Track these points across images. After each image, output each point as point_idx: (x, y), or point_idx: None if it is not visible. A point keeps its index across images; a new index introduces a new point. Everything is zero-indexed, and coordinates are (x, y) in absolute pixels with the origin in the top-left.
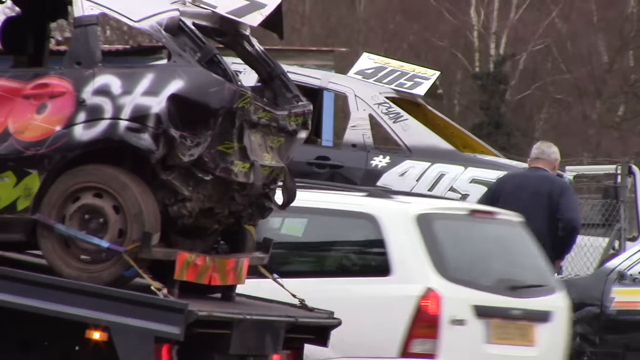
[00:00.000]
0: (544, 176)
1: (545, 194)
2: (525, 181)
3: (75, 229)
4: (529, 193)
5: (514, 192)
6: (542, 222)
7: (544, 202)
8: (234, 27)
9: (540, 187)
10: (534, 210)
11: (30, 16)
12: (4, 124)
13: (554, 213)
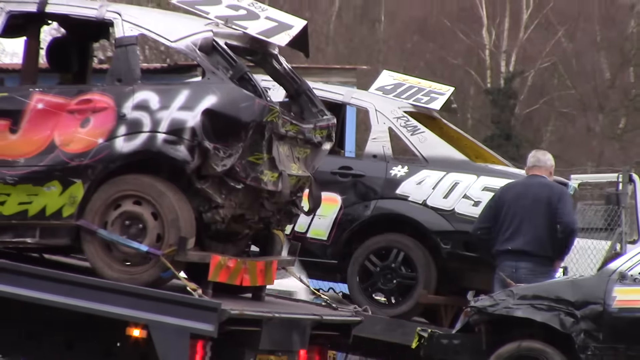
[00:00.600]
0: (543, 183)
1: (545, 200)
2: (526, 189)
3: (116, 234)
4: (530, 200)
5: (517, 200)
6: (542, 228)
7: (543, 208)
8: (263, 47)
9: (539, 194)
10: (535, 216)
11: (74, 37)
12: (51, 137)
13: (554, 217)
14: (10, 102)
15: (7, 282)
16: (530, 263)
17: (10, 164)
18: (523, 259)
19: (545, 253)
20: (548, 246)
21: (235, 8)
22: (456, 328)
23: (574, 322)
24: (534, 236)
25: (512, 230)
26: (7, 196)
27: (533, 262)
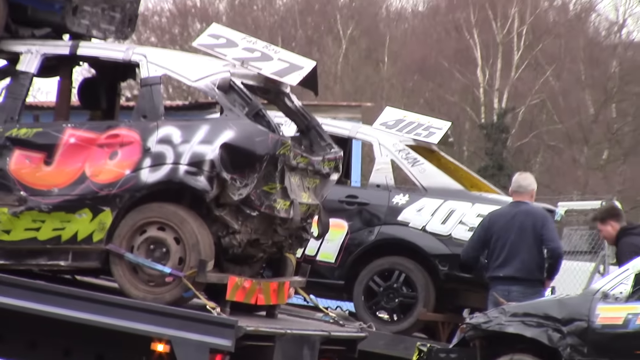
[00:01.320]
0: (527, 212)
1: (530, 228)
2: (512, 219)
3: (142, 257)
4: (517, 230)
5: (504, 230)
6: (529, 254)
7: (529, 237)
8: (276, 86)
9: (524, 223)
10: (523, 244)
11: (103, 77)
12: (82, 169)
13: (540, 244)
14: (45, 136)
15: (46, 302)
16: (522, 287)
17: (45, 193)
18: (514, 283)
19: (534, 277)
20: (536, 270)
21: (250, 50)
22: (453, 343)
23: (560, 338)
24: (523, 263)
25: (502, 259)
26: (42, 223)
27: (524, 286)
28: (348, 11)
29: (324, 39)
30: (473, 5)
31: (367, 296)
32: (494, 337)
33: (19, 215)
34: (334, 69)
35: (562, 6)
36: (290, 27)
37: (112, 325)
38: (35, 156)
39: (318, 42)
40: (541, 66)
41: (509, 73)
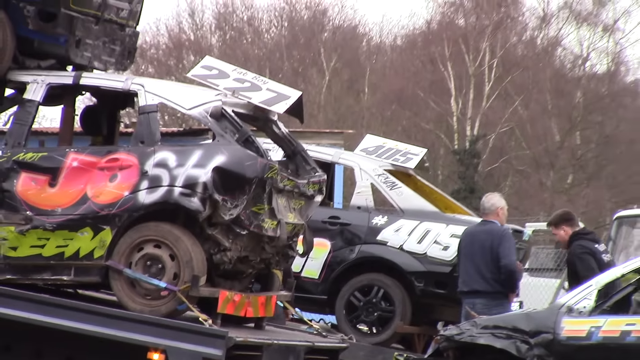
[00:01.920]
0: (487, 230)
1: (488, 246)
2: (473, 238)
3: (139, 273)
4: (478, 247)
5: (467, 248)
6: (488, 270)
7: (487, 253)
8: (264, 114)
9: (484, 242)
10: (481, 261)
11: (104, 105)
12: (84, 190)
13: (497, 259)
14: (49, 160)
15: (50, 314)
16: (484, 299)
17: (49, 213)
18: (477, 296)
19: (495, 289)
20: (496, 284)
21: (241, 81)
22: (428, 353)
23: (528, 349)
24: (482, 277)
25: (465, 274)
26: (46, 240)
27: (486, 298)
28: (331, 45)
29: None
30: (447, 40)
31: (348, 310)
32: (466, 348)
33: (25, 233)
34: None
35: (530, 41)
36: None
37: (112, 335)
38: (41, 178)
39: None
40: (510, 96)
41: (480, 103)
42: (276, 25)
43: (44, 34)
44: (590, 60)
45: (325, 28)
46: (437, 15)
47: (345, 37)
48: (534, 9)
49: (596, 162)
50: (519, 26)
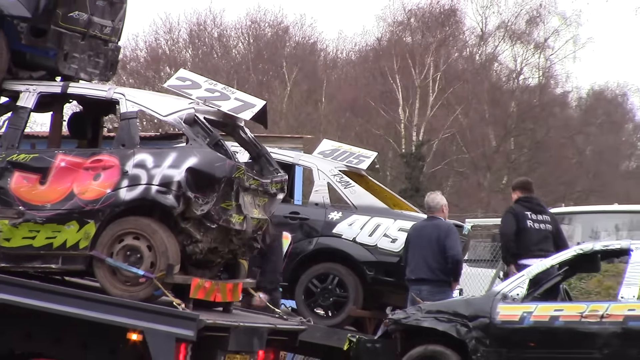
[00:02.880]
0: (435, 225)
1: (435, 238)
2: (421, 231)
3: (120, 262)
4: (425, 240)
5: (416, 240)
6: (434, 260)
7: (434, 245)
8: (232, 120)
9: (431, 235)
10: (429, 251)
11: (89, 112)
12: (70, 188)
13: (443, 251)
14: (40, 161)
15: (39, 299)
16: (429, 286)
17: (39, 208)
18: (423, 284)
19: (439, 278)
20: (440, 273)
21: (211, 91)
22: (378, 335)
23: (467, 331)
24: (429, 267)
25: (413, 263)
26: (37, 232)
27: (431, 285)
28: (292, 59)
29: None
30: (396, 56)
31: (306, 295)
32: (412, 330)
33: (18, 226)
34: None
35: (470, 57)
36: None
37: (95, 318)
38: (32, 177)
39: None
40: (452, 106)
41: (425, 111)
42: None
43: (36, 48)
44: (523, 74)
45: (286, 44)
46: (387, 33)
47: (304, 52)
48: (474, 28)
49: (528, 165)
50: (460, 43)
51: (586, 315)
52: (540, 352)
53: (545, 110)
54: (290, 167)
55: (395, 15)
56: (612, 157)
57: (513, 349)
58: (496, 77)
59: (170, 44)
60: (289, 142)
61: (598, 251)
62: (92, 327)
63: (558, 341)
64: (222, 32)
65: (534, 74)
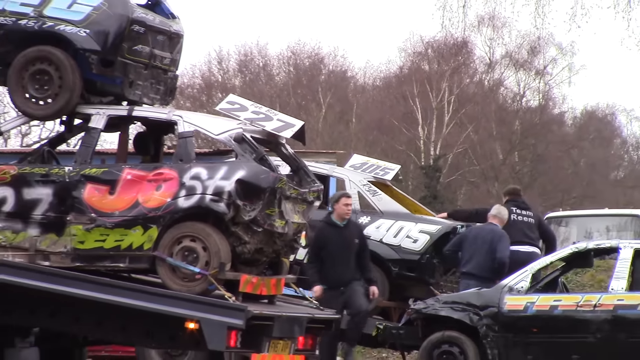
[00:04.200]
0: (491, 229)
1: (489, 241)
2: (478, 233)
3: (179, 261)
4: (480, 241)
5: (473, 239)
6: (485, 260)
7: (487, 246)
8: (275, 138)
9: (486, 237)
10: (481, 251)
11: (151, 132)
12: (136, 197)
13: (493, 253)
14: (109, 174)
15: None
16: (476, 281)
17: (109, 215)
18: (472, 278)
19: (485, 275)
20: (487, 271)
21: (257, 113)
22: (402, 322)
23: (479, 319)
24: (479, 264)
25: (467, 259)
26: (107, 236)
27: (478, 281)
28: (326, 85)
29: (309, 105)
30: (415, 81)
31: None
32: (431, 318)
33: (90, 231)
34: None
35: (479, 82)
36: (285, 96)
37: (157, 309)
38: (102, 188)
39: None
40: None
41: (441, 129)
42: (284, 70)
43: (105, 77)
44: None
45: (322, 72)
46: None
47: (337, 79)
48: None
49: (530, 175)
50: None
51: (581, 305)
52: (542, 336)
53: (545, 128)
54: (325, 178)
55: (414, 46)
56: (603, 168)
57: (518, 334)
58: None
59: (222, 72)
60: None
61: (591, 249)
62: (155, 317)
63: (557, 327)
64: (267, 62)
65: (535, 97)
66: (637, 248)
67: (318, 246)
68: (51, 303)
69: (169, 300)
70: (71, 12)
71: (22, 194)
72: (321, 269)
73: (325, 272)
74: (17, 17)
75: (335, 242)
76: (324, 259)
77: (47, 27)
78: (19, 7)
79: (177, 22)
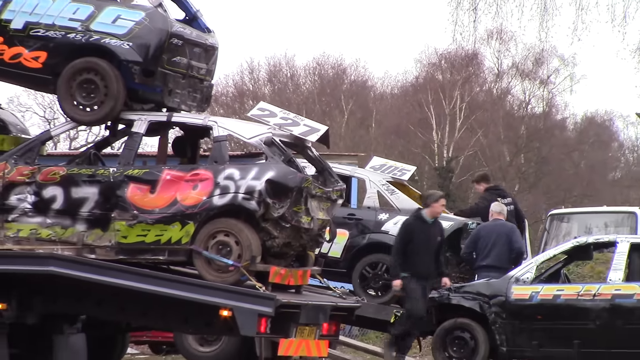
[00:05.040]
0: (502, 224)
1: (504, 235)
2: (492, 229)
3: (214, 254)
4: (496, 235)
5: (488, 235)
6: (503, 252)
7: (503, 239)
8: (302, 142)
9: (501, 232)
10: (500, 244)
11: (189, 136)
12: (174, 196)
13: (510, 245)
14: (151, 174)
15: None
16: (497, 273)
17: (150, 212)
18: (492, 270)
19: (505, 265)
20: (506, 262)
21: (285, 119)
22: None
23: (488, 307)
24: (498, 256)
25: (485, 253)
26: (148, 231)
27: (498, 272)
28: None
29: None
30: (430, 90)
31: (361, 279)
32: (444, 306)
33: (133, 226)
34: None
35: (488, 90)
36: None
37: (194, 298)
38: (144, 187)
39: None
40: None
41: (453, 134)
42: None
43: (146, 86)
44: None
45: (344, 81)
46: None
47: (358, 87)
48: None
49: (535, 175)
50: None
51: (582, 294)
52: (546, 323)
53: (548, 132)
54: (348, 178)
55: (429, 58)
56: (601, 169)
57: (524, 321)
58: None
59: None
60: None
61: (591, 243)
62: (192, 305)
63: (560, 315)
64: (294, 72)
65: (539, 104)
66: (633, 242)
67: (406, 239)
68: (97, 293)
69: (205, 290)
70: (115, 27)
71: (71, 192)
72: (405, 261)
73: (412, 264)
74: (66, 31)
75: (421, 236)
76: (409, 252)
77: (94, 40)
78: (67, 22)
79: (212, 35)
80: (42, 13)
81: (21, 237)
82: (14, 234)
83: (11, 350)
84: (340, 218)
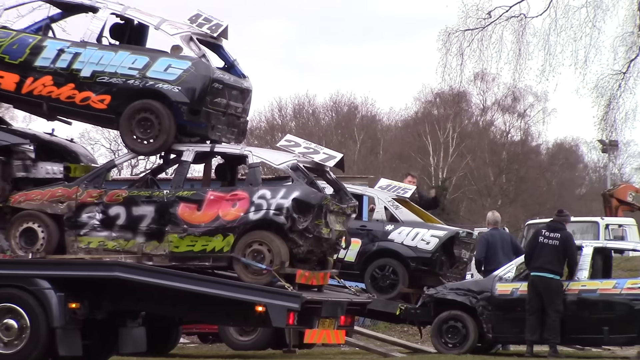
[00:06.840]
0: (501, 233)
1: (509, 241)
2: (498, 238)
3: (250, 260)
4: (501, 243)
5: (496, 243)
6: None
7: (508, 246)
8: (321, 167)
9: (507, 239)
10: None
11: (228, 163)
12: (217, 213)
13: (514, 249)
14: (197, 195)
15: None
16: None
17: (197, 226)
18: None
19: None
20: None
21: (308, 148)
22: (418, 304)
23: (476, 301)
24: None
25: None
26: (195, 242)
27: None
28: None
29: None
30: (427, 123)
31: (371, 279)
32: (440, 301)
33: (183, 238)
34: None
35: (475, 123)
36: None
37: (235, 297)
38: (192, 206)
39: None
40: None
41: (447, 159)
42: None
43: (192, 122)
44: (510, 134)
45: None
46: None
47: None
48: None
49: (515, 192)
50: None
51: None
52: (524, 314)
53: (525, 157)
54: (360, 196)
55: (426, 96)
56: (569, 186)
57: (507, 312)
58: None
59: (281, 117)
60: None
61: None
62: (233, 303)
63: None
64: (315, 109)
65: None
66: (596, 247)
67: None
68: (154, 293)
69: (243, 290)
70: (167, 74)
71: (132, 211)
72: None
73: None
74: (127, 78)
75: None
76: None
77: (149, 85)
78: (127, 70)
79: (247, 80)
80: (106, 63)
81: (91, 248)
82: (85, 246)
83: (84, 341)
84: (354, 229)
